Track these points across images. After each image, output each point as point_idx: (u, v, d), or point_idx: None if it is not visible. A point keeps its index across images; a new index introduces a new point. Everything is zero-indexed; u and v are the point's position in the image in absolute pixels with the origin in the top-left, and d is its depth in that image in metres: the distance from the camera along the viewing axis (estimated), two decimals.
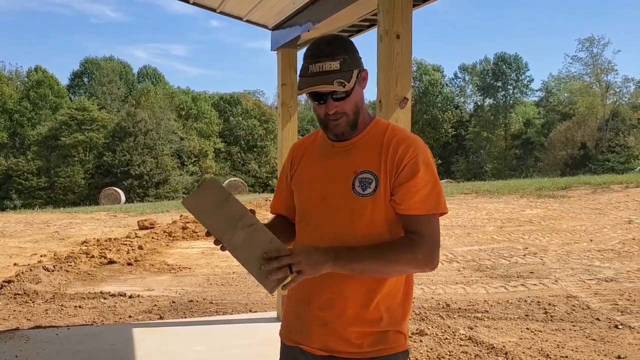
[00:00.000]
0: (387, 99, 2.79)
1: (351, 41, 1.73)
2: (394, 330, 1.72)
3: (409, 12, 2.83)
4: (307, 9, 4.25)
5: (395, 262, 1.62)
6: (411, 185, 1.63)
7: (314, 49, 1.67)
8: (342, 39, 1.72)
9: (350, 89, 1.64)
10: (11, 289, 6.81)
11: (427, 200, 1.64)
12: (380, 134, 1.73)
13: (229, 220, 1.61)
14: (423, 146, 1.70)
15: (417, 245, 1.63)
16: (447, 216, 12.51)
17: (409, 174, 1.64)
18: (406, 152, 1.66)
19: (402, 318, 1.74)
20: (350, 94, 1.66)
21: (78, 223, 14.22)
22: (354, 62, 1.67)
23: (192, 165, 45.36)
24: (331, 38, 1.70)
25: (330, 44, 1.66)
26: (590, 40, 45.62)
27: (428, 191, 1.65)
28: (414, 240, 1.63)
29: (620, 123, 42.80)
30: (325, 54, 1.64)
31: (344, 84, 1.61)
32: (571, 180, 19.80)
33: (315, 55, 1.65)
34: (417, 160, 1.65)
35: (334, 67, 1.62)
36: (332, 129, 1.70)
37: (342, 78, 1.61)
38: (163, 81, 54.01)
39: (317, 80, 1.62)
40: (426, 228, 1.65)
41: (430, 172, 1.66)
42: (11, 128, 45.00)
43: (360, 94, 1.72)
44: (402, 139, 1.70)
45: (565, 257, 8.37)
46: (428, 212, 1.65)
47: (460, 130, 51.23)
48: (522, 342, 4.86)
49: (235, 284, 7.39)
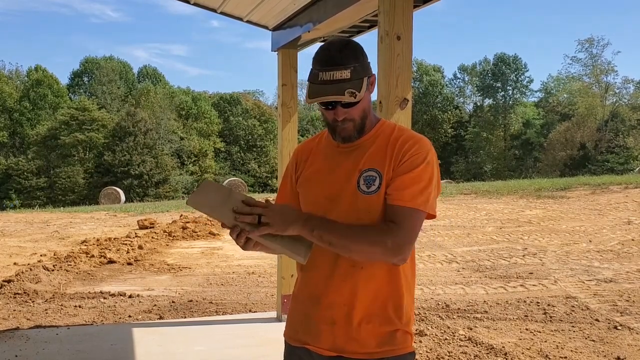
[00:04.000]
0: (388, 100, 2.80)
1: (361, 47, 1.71)
2: (403, 330, 1.71)
3: (410, 13, 2.83)
4: (308, 10, 4.26)
5: (361, 242, 1.59)
6: (407, 178, 1.63)
7: (324, 55, 1.64)
8: (353, 45, 1.69)
9: (361, 97, 1.63)
10: (11, 289, 6.81)
11: (418, 195, 1.63)
12: (386, 134, 1.73)
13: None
14: (429, 146, 1.69)
15: (391, 232, 1.60)
16: (447, 216, 12.53)
17: (408, 167, 1.64)
18: (410, 148, 1.66)
19: (410, 318, 1.74)
20: (360, 101, 1.65)
21: (78, 223, 14.22)
22: (364, 69, 1.65)
23: (192, 165, 45.37)
24: (342, 44, 1.67)
25: (342, 51, 1.64)
26: (590, 41, 45.69)
27: (422, 188, 1.63)
28: (389, 227, 1.61)
29: (620, 124, 42.82)
30: (337, 62, 1.61)
31: (355, 94, 1.60)
32: (570, 181, 19.81)
33: (326, 63, 1.63)
34: (420, 156, 1.65)
35: (345, 75, 1.60)
36: (340, 132, 1.70)
37: (353, 88, 1.60)
38: (163, 81, 54.00)
39: (328, 89, 1.61)
40: (406, 220, 1.62)
41: (429, 171, 1.65)
42: (11, 127, 44.98)
43: (368, 99, 1.71)
44: (409, 137, 1.70)
45: (565, 258, 8.38)
46: (416, 206, 1.62)
47: (460, 131, 51.26)
48: (522, 343, 4.87)
49: (235, 284, 7.40)
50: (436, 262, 8.39)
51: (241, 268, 8.38)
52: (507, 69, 50.67)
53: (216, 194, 1.63)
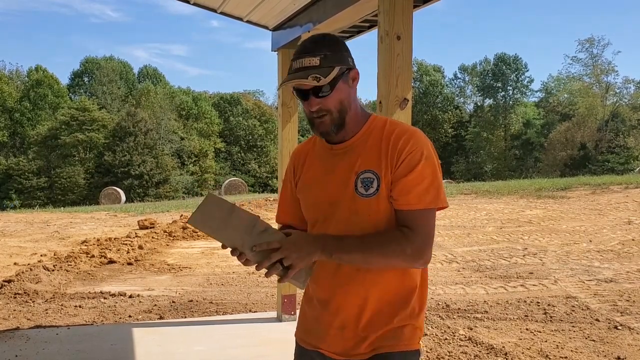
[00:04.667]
0: (388, 100, 2.79)
1: (340, 40, 1.70)
2: (412, 325, 1.70)
3: (410, 13, 2.83)
4: (308, 10, 4.26)
5: (382, 255, 1.59)
6: (409, 180, 1.59)
7: (299, 46, 1.66)
8: (329, 37, 1.68)
9: (328, 83, 1.60)
10: (11, 289, 6.81)
11: (425, 194, 1.60)
12: (378, 130, 1.69)
13: (243, 229, 1.58)
14: (423, 139, 1.65)
15: (408, 239, 1.58)
16: (447, 216, 12.52)
17: (407, 168, 1.60)
18: (405, 145, 1.62)
19: (420, 311, 1.72)
20: (332, 90, 1.62)
21: (78, 223, 14.22)
22: (336, 58, 1.62)
23: (193, 165, 45.39)
24: (318, 36, 1.68)
25: (315, 42, 1.65)
26: (590, 41, 45.67)
27: (426, 185, 1.60)
28: (404, 234, 1.59)
29: (620, 124, 42.82)
30: (307, 51, 1.62)
31: (319, 78, 1.57)
32: (571, 180, 19.81)
33: (298, 53, 1.64)
34: (416, 153, 1.60)
35: (314, 63, 1.60)
36: (318, 127, 1.67)
37: (318, 73, 1.58)
38: (163, 81, 54.02)
39: (295, 76, 1.60)
40: (420, 223, 1.60)
41: (430, 165, 1.61)
42: (11, 127, 45.01)
43: (346, 92, 1.66)
44: (402, 131, 1.65)
45: (565, 258, 8.38)
46: (425, 207, 1.60)
47: (460, 131, 51.27)
48: (522, 343, 4.86)
49: (235, 284, 7.40)
50: (436, 262, 8.39)
51: (241, 268, 8.38)
52: (508, 69, 50.68)
53: (219, 212, 1.59)
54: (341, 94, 1.64)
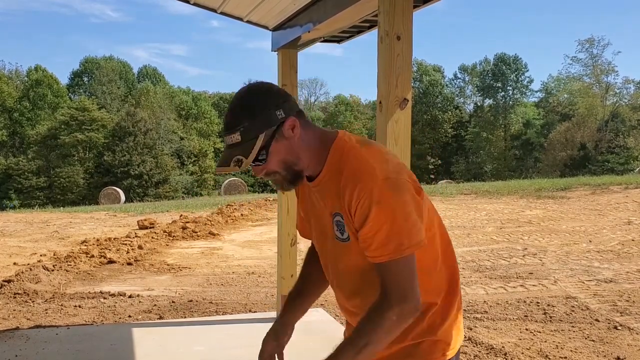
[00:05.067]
0: (388, 100, 2.80)
1: (262, 93, 1.51)
2: (429, 340, 1.59)
3: (410, 13, 2.83)
4: (308, 10, 4.25)
5: (377, 342, 1.47)
6: (365, 232, 1.45)
7: (224, 117, 1.53)
8: (248, 98, 1.50)
9: (251, 162, 1.46)
10: (11, 289, 6.80)
11: (386, 245, 1.43)
12: (337, 167, 1.53)
13: None
14: (372, 180, 1.44)
15: (384, 310, 1.45)
16: (447, 217, 12.52)
17: (360, 219, 1.45)
18: (352, 195, 1.46)
19: (441, 322, 1.60)
20: (268, 155, 1.48)
21: (78, 222, 14.22)
22: (258, 125, 1.45)
23: (192, 165, 45.42)
24: (237, 100, 1.51)
25: (233, 110, 1.49)
26: (590, 41, 45.73)
27: (385, 234, 1.43)
28: (379, 306, 1.46)
29: (620, 124, 42.86)
30: (228, 127, 1.49)
31: (241, 161, 1.44)
32: (571, 181, 19.81)
33: (224, 126, 1.52)
34: (365, 200, 1.43)
35: (235, 139, 1.46)
36: (274, 184, 1.59)
37: (240, 153, 1.45)
38: (163, 81, 54.08)
39: (223, 157, 1.49)
40: (391, 279, 1.45)
41: (384, 209, 1.42)
42: (11, 127, 45.05)
43: (285, 149, 1.50)
44: (348, 178, 1.48)
45: (565, 258, 8.38)
46: (390, 259, 1.44)
47: (460, 131, 51.29)
48: (521, 343, 4.87)
49: (235, 284, 7.40)
50: None
51: (241, 268, 8.38)
52: (507, 69, 50.71)
53: None
54: (280, 154, 1.50)
